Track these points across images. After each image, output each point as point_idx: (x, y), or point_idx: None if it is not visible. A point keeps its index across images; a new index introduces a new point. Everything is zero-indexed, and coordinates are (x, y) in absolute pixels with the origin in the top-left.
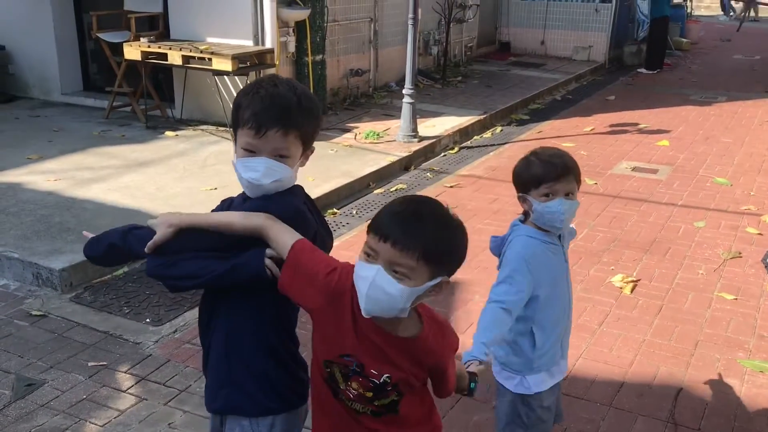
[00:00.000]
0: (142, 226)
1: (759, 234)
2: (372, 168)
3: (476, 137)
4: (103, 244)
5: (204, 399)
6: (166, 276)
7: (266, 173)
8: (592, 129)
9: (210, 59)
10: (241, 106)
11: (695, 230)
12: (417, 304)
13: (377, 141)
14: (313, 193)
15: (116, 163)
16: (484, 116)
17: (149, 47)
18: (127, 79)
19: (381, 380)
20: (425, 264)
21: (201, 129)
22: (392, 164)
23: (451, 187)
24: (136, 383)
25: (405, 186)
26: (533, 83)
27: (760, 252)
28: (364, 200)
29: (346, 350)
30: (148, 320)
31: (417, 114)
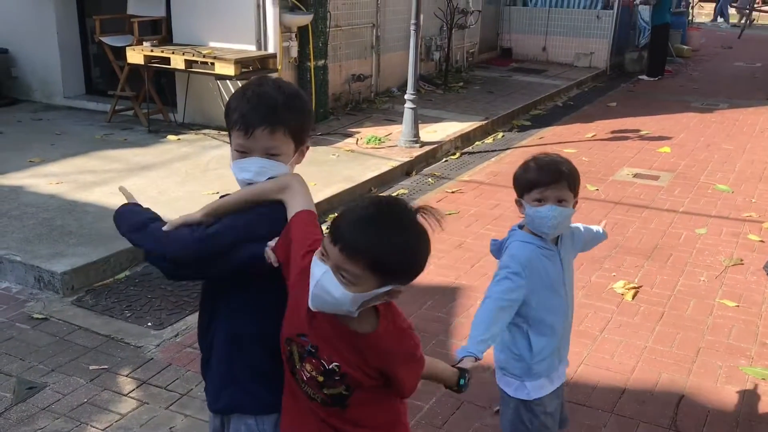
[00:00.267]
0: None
1: (760, 241)
2: (373, 173)
3: (478, 143)
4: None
5: (206, 401)
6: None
7: (259, 172)
8: (594, 135)
9: (213, 64)
10: (230, 109)
11: (697, 237)
12: (381, 303)
13: (379, 146)
14: (315, 198)
15: (118, 167)
16: (486, 122)
17: (152, 51)
18: (130, 83)
19: (330, 367)
20: (372, 273)
21: (203, 133)
22: (394, 169)
23: (453, 193)
24: (138, 387)
25: (406, 191)
26: (535, 89)
27: (762, 259)
28: None
29: (303, 330)
30: (150, 324)
31: (419, 119)
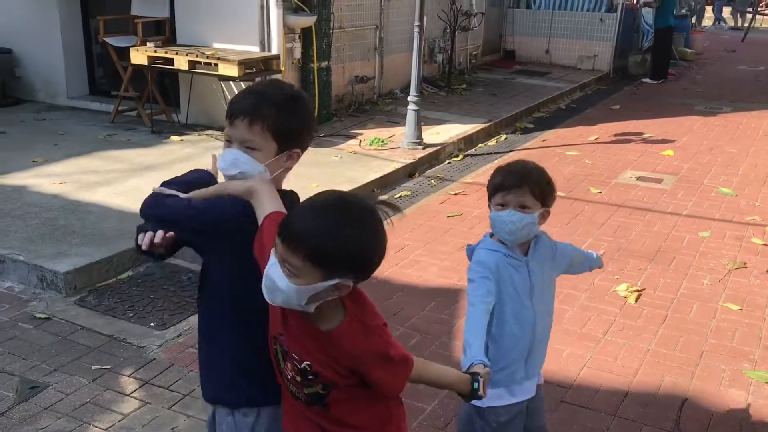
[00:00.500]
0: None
1: (764, 244)
2: (376, 174)
3: (481, 145)
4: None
5: None
6: (151, 215)
7: (232, 164)
8: (597, 138)
9: (216, 64)
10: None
11: (700, 240)
12: (348, 297)
13: (382, 148)
14: None
15: (121, 167)
16: (489, 124)
17: (156, 52)
18: (133, 84)
19: (302, 366)
20: (312, 265)
21: (206, 134)
22: (396, 171)
23: (456, 195)
24: (140, 387)
25: (409, 193)
26: (538, 92)
27: (766, 262)
28: None
29: (280, 329)
30: (153, 324)
31: (421, 121)
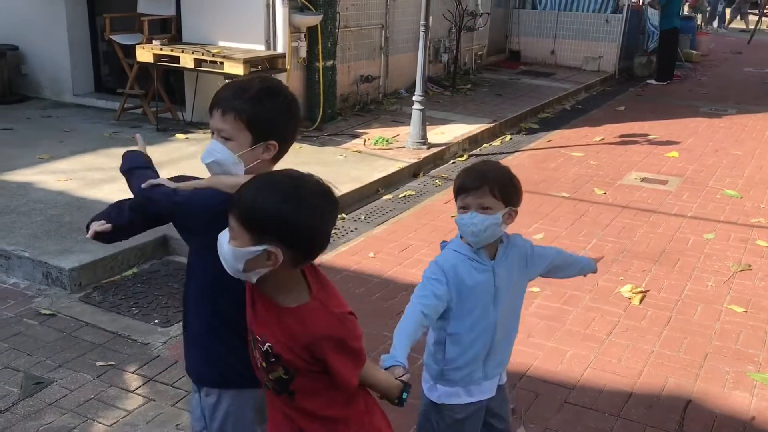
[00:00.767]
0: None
1: None
2: (381, 174)
3: (485, 145)
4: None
5: None
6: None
7: (208, 153)
8: (602, 139)
9: (222, 63)
10: None
11: (705, 242)
12: (314, 282)
13: (386, 147)
14: None
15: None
16: (494, 124)
17: (161, 50)
18: (139, 82)
19: (264, 347)
20: (243, 227)
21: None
22: (401, 170)
23: None
24: (144, 384)
25: (413, 192)
26: (543, 92)
27: None
28: (373, 206)
29: (250, 317)
30: (157, 321)
31: (426, 121)
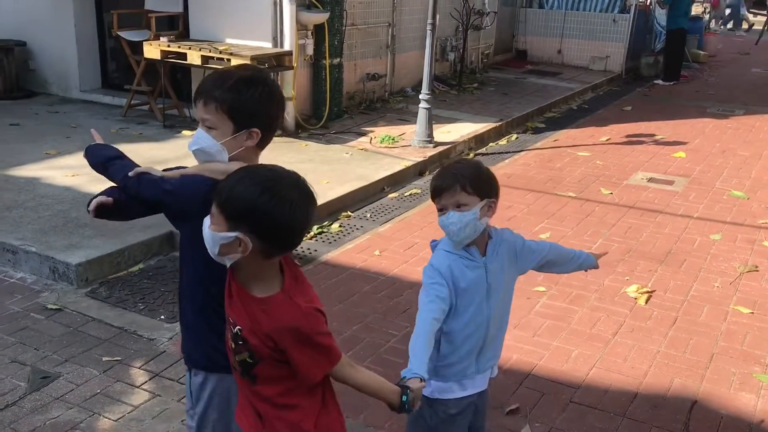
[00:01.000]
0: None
1: None
2: (387, 172)
3: (492, 144)
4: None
5: None
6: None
7: (194, 141)
8: (608, 139)
9: (229, 60)
10: None
11: (711, 243)
12: (289, 275)
13: (392, 145)
14: (328, 196)
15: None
16: (500, 123)
17: (169, 47)
18: (146, 78)
19: (235, 330)
20: (221, 214)
21: None
22: (407, 169)
23: None
24: (150, 379)
25: (419, 191)
26: (549, 92)
27: None
28: (378, 204)
29: (227, 300)
30: (163, 317)
31: (433, 119)
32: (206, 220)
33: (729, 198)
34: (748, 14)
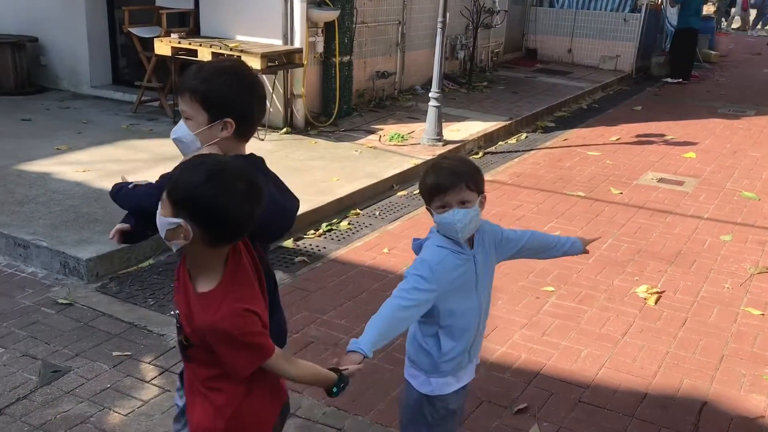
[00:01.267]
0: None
1: None
2: (396, 170)
3: (501, 143)
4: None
5: None
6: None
7: (173, 131)
8: (618, 138)
9: (239, 57)
10: None
11: (721, 244)
12: (229, 271)
13: (402, 143)
14: (337, 193)
15: (143, 157)
16: (510, 122)
17: (179, 43)
18: (157, 74)
19: (174, 312)
20: (168, 199)
21: None
22: (416, 167)
23: None
24: (160, 374)
25: None
26: (559, 91)
27: None
28: (388, 202)
29: (175, 282)
30: (173, 312)
31: (442, 118)
32: (159, 205)
33: (740, 199)
34: None
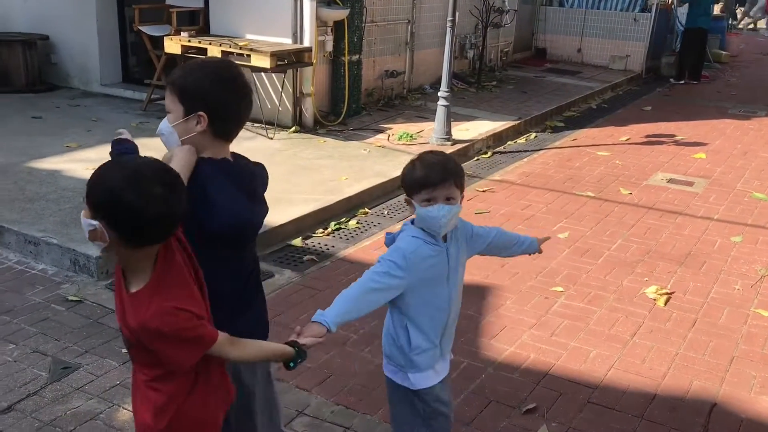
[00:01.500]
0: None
1: None
2: None
3: (510, 143)
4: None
5: None
6: None
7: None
8: (628, 139)
9: (249, 56)
10: None
11: (732, 245)
12: (158, 272)
13: (410, 143)
14: (346, 192)
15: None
16: (519, 122)
17: (189, 42)
18: (166, 73)
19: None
20: (87, 202)
21: None
22: None
23: (484, 192)
24: None
25: None
26: (569, 91)
27: None
28: (396, 201)
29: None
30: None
31: (451, 117)
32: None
33: (750, 200)
34: None
